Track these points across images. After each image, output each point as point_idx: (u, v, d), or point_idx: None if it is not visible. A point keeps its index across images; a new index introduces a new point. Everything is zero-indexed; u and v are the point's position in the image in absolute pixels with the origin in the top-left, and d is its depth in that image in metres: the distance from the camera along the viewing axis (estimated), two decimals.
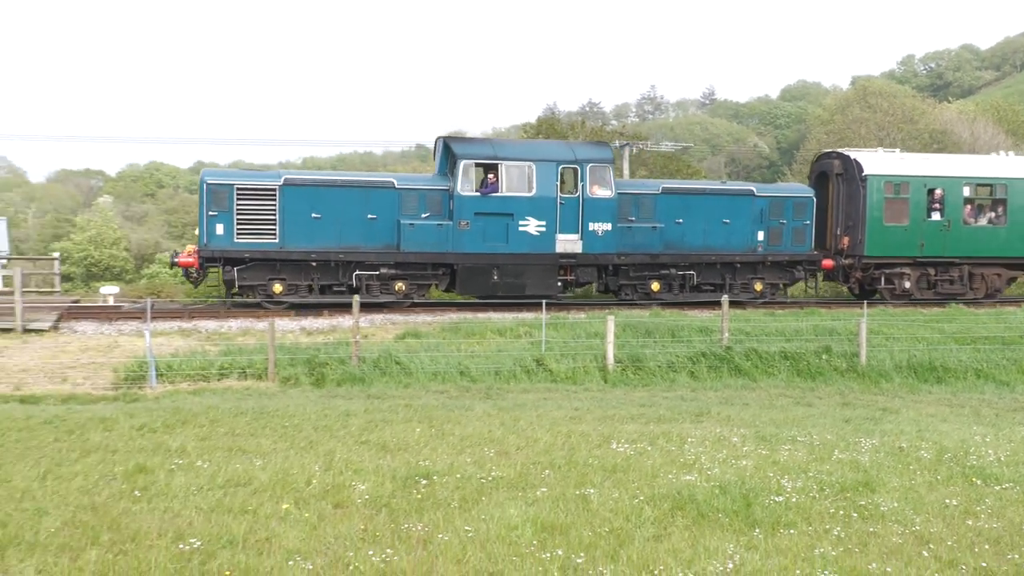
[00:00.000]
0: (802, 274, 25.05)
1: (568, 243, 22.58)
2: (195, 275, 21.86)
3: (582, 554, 5.69)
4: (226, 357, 16.59)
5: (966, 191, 25.38)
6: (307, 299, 21.79)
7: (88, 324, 20.04)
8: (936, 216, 24.89)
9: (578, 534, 6.10)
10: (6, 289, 25.87)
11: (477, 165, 22.41)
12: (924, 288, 25.34)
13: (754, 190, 25.01)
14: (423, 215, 22.14)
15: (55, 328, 19.35)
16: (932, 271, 25.18)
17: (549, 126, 44.51)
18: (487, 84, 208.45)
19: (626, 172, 34.74)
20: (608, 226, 22.66)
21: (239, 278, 21.23)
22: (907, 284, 25.00)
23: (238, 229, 21.32)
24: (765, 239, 24.18)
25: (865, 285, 25.81)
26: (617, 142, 38.10)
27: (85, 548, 5.73)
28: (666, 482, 7.58)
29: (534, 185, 22.29)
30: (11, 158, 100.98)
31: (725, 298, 19.14)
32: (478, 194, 22.22)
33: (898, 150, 29.18)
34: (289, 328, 19.67)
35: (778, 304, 24.41)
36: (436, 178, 23.61)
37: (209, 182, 21.78)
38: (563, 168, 22.56)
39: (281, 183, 21.90)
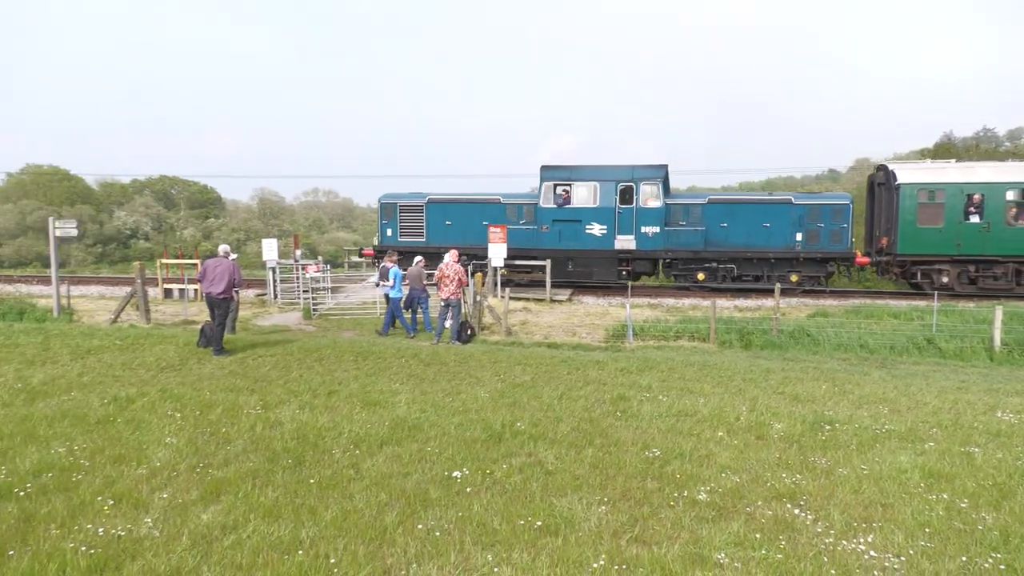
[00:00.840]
0: (835, 269, 22.03)
1: (625, 242, 22.14)
2: (371, 262, 25.01)
3: (965, 500, 5.00)
4: (681, 324, 16.85)
5: (1010, 195, 20.45)
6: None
7: (589, 297, 21.48)
8: (975, 219, 20.59)
9: (962, 483, 5.35)
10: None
11: (555, 184, 22.42)
12: (966, 284, 21.03)
13: (792, 199, 22.12)
14: (520, 222, 22.78)
15: (569, 300, 21.03)
16: (973, 268, 20.88)
17: (946, 150, 38.69)
18: (891, 115, 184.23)
19: None
20: (657, 229, 21.97)
21: (401, 265, 22.45)
22: (945, 279, 21.01)
23: (400, 232, 23.65)
24: (804, 240, 21.61)
25: (906, 279, 22.04)
26: (1009, 160, 32.17)
27: (584, 447, 6.25)
28: None
29: (597, 198, 22.12)
30: None
31: None
32: (554, 206, 22.38)
33: (953, 161, 23.15)
34: (726, 306, 19.48)
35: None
36: (533, 195, 23.83)
37: (383, 201, 24.02)
38: (621, 185, 22.01)
39: (426, 201, 23.58)
